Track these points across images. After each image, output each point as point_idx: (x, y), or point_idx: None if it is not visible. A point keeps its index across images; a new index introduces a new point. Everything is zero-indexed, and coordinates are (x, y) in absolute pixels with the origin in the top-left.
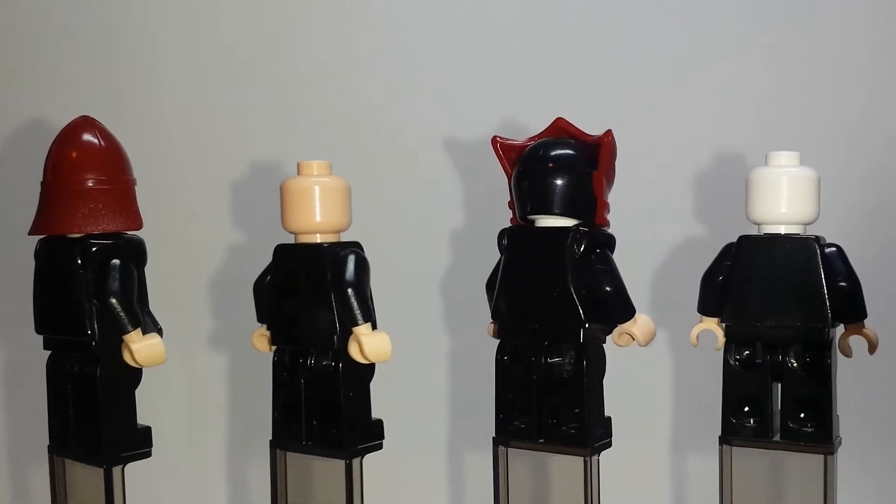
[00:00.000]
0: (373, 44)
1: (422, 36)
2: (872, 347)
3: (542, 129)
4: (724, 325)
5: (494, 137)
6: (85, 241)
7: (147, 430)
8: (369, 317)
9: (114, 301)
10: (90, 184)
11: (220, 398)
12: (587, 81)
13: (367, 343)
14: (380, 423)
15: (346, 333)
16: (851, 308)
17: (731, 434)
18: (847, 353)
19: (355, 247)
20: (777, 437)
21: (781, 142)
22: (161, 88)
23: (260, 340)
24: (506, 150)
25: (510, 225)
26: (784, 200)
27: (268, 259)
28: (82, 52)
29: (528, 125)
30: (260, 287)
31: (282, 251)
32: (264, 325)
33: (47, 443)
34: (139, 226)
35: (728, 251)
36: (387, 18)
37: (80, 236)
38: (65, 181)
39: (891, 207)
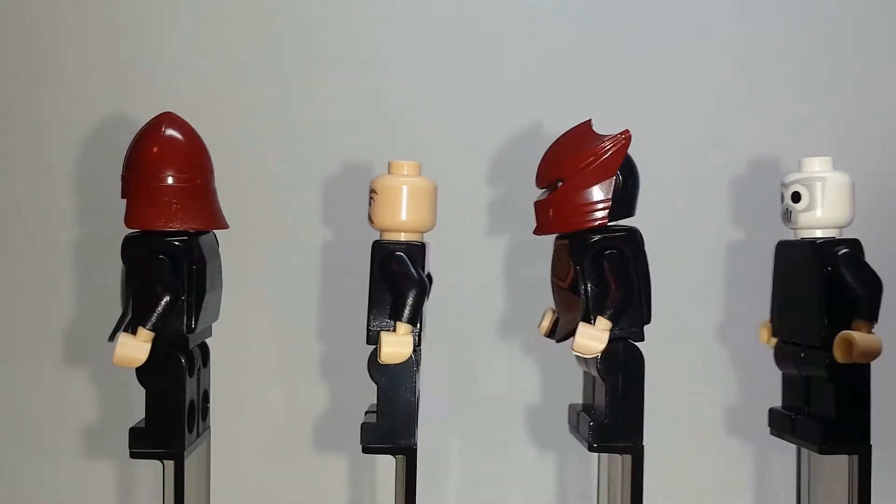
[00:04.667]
0: (400, 45)
1: (450, 39)
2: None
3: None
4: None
5: (628, 132)
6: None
7: None
8: None
9: None
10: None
11: (312, 387)
12: (621, 90)
13: None
14: None
15: None
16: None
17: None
18: None
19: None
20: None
21: (814, 147)
22: (250, 85)
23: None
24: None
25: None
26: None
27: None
28: (170, 49)
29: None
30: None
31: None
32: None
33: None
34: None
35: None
36: (410, 23)
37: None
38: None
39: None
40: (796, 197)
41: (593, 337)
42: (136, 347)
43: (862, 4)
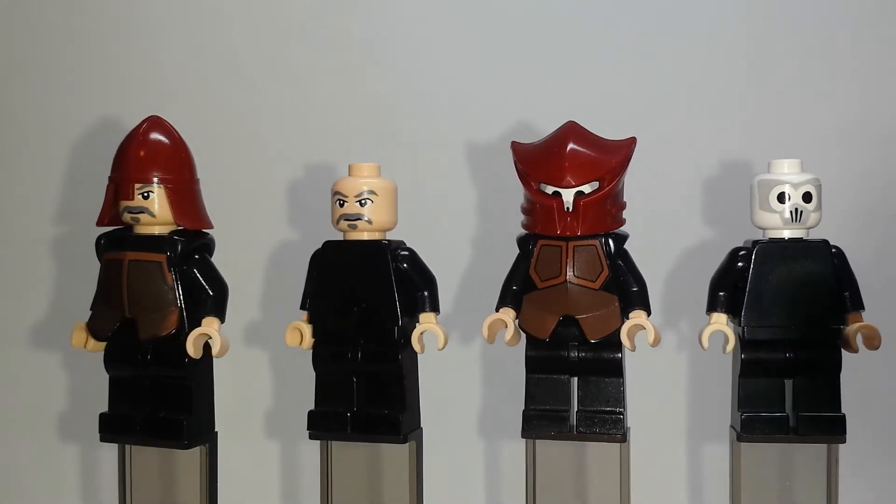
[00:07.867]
0: (392, 45)
1: (439, 37)
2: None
3: (554, 131)
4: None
5: (635, 138)
6: None
7: None
8: None
9: None
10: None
11: (266, 388)
12: (600, 90)
13: None
14: None
15: None
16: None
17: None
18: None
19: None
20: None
21: (785, 148)
22: (220, 90)
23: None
24: None
25: None
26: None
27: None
28: (149, 54)
29: (542, 128)
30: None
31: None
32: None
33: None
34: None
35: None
36: (403, 20)
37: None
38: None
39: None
40: (808, 197)
41: (656, 329)
42: (225, 336)
43: (841, 4)
